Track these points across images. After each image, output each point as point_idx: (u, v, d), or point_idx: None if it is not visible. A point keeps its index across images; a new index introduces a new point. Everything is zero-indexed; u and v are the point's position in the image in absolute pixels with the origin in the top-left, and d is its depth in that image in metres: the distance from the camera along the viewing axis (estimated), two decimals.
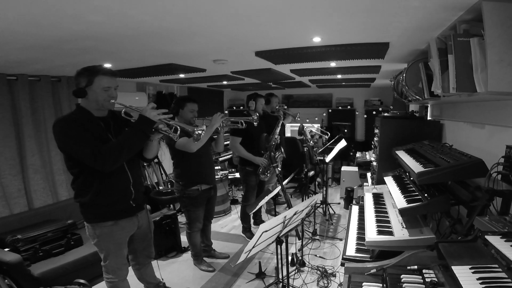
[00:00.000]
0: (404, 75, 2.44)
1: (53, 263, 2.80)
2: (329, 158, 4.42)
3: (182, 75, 4.24)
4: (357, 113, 7.03)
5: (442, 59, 1.75)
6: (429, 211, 1.90)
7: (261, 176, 3.82)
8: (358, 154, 5.59)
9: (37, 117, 3.50)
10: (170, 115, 1.90)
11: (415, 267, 1.35)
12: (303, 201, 2.41)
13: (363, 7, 1.59)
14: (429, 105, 3.54)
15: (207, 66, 3.51)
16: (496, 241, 1.06)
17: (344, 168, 5.64)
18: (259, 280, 3.07)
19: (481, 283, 0.94)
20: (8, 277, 2.43)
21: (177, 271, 3.28)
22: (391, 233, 1.75)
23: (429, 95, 2.12)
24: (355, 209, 2.63)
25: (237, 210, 4.90)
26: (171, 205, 4.51)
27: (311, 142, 4.47)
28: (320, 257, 3.45)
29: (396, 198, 1.89)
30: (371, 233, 1.79)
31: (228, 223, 4.62)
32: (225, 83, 5.47)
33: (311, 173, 5.35)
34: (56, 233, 3.04)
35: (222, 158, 5.97)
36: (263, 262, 3.38)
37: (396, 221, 1.87)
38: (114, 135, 1.96)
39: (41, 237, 2.93)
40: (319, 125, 6.85)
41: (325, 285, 2.92)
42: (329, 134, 5.20)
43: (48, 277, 2.64)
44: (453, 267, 1.05)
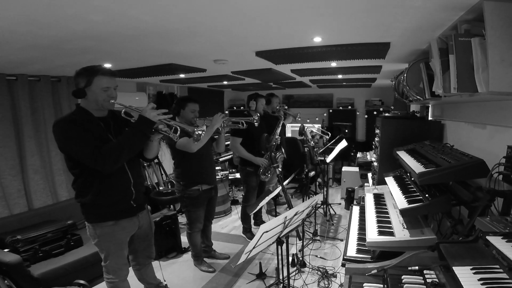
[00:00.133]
0: (405, 75, 2.44)
1: (53, 263, 2.80)
2: (329, 158, 4.41)
3: (182, 75, 4.24)
4: (358, 113, 7.03)
5: (443, 59, 1.75)
6: (430, 212, 1.89)
7: (261, 176, 3.81)
8: (359, 154, 5.58)
9: (37, 117, 3.49)
10: (170, 116, 1.90)
11: (416, 267, 1.34)
12: (303, 201, 2.41)
13: (363, 7, 1.59)
14: (430, 105, 3.54)
15: (207, 66, 3.51)
16: (497, 241, 1.06)
17: (344, 168, 5.62)
18: (260, 280, 3.06)
19: (482, 284, 0.94)
20: (7, 277, 2.43)
21: (177, 272, 3.28)
22: (392, 234, 1.75)
23: (430, 95, 2.12)
24: (356, 209, 2.62)
25: (237, 210, 4.89)
26: (171, 206, 4.50)
27: (312, 142, 4.45)
28: (320, 257, 3.45)
29: (397, 198, 1.89)
30: (372, 234, 1.79)
31: (228, 224, 4.61)
32: (225, 83, 5.47)
33: (312, 173, 5.34)
34: (56, 233, 3.04)
35: (222, 158, 5.97)
36: (264, 262, 3.38)
37: (397, 222, 1.86)
38: (114, 135, 1.96)
39: (41, 238, 2.93)
40: (320, 125, 6.83)
41: (326, 285, 2.91)
42: (330, 134, 5.20)
43: (48, 277, 2.64)
44: (454, 268, 1.04)
